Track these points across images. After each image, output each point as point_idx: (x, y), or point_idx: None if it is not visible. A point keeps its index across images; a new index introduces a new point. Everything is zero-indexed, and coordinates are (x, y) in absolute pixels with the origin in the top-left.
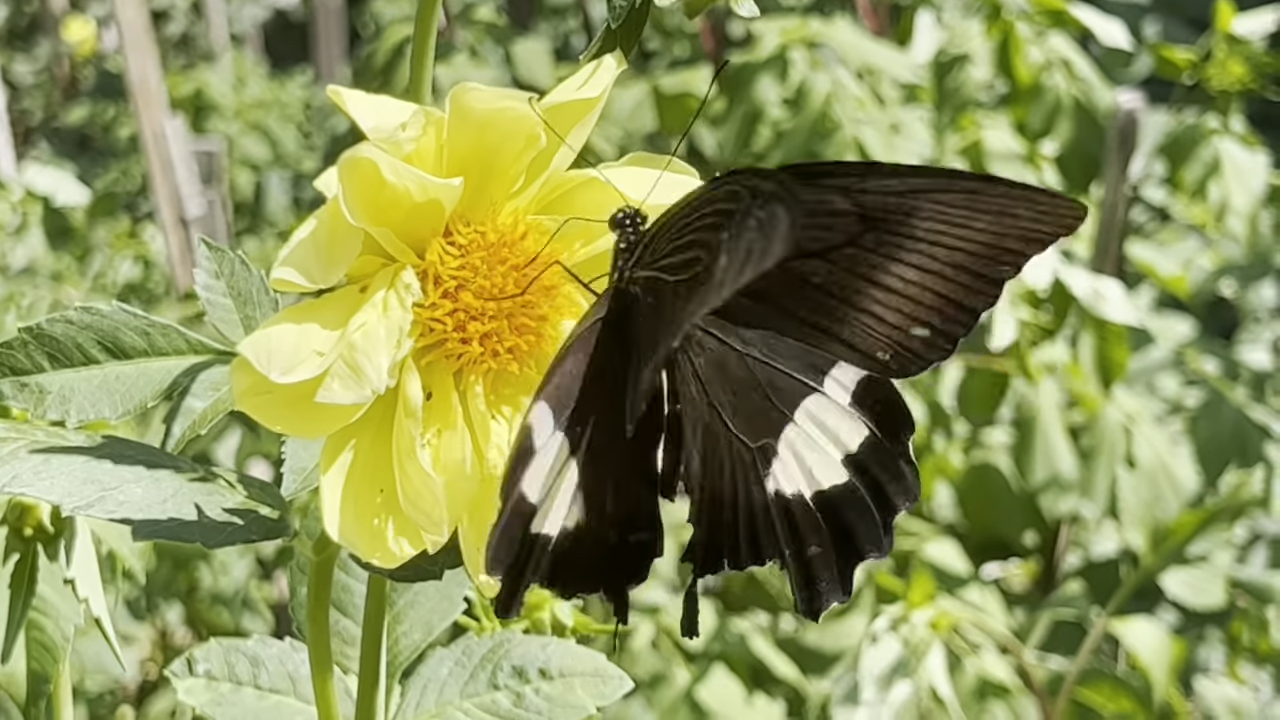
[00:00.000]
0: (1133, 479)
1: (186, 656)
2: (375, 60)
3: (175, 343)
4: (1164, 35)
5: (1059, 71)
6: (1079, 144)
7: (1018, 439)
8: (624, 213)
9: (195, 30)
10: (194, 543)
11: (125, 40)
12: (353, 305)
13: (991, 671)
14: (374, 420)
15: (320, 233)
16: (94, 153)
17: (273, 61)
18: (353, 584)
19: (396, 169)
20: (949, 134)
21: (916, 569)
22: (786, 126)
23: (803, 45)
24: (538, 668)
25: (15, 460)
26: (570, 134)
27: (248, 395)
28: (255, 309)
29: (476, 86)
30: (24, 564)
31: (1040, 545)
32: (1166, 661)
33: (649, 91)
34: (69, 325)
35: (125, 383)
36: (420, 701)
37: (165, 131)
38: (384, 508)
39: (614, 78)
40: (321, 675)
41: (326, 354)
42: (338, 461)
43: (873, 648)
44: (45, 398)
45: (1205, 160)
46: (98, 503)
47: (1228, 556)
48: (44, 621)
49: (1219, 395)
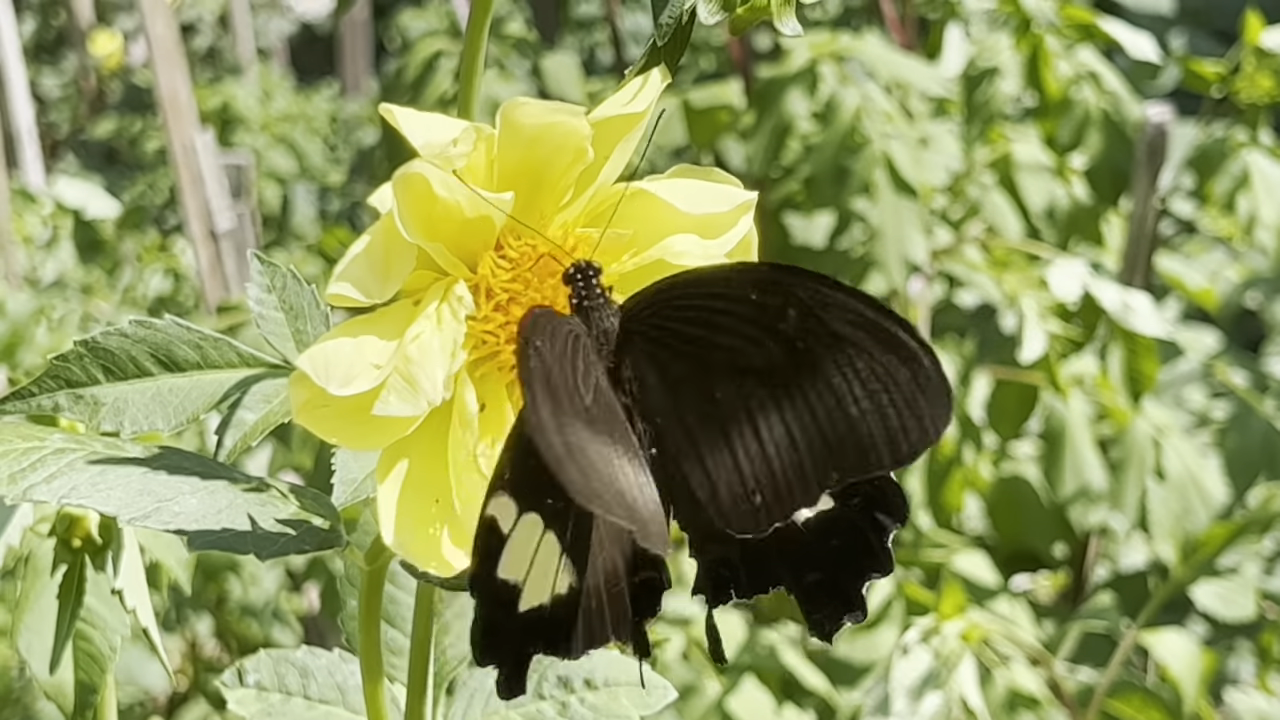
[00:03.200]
0: (1162, 491)
1: (237, 667)
2: (406, 75)
3: (227, 356)
4: (1190, 48)
5: (1088, 85)
6: (1108, 157)
7: (1047, 451)
8: (576, 268)
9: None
10: (248, 553)
11: (155, 54)
12: (407, 319)
13: (1022, 683)
14: (429, 432)
15: (375, 248)
16: (121, 166)
17: (299, 75)
18: (400, 595)
19: (449, 184)
20: (978, 147)
21: (947, 581)
22: (815, 140)
23: (832, 59)
24: (583, 678)
25: (73, 471)
26: (617, 147)
27: (306, 408)
28: (306, 323)
29: (527, 101)
30: (72, 575)
31: (1069, 557)
32: (1197, 673)
33: (678, 105)
34: (124, 339)
35: (178, 395)
36: (467, 712)
37: (195, 145)
38: (439, 517)
39: (659, 92)
40: (373, 685)
41: (383, 367)
42: (393, 472)
43: (903, 659)
44: (100, 409)
45: (1234, 173)
46: (154, 514)
47: (1257, 568)
48: (91, 633)
49: (1248, 407)
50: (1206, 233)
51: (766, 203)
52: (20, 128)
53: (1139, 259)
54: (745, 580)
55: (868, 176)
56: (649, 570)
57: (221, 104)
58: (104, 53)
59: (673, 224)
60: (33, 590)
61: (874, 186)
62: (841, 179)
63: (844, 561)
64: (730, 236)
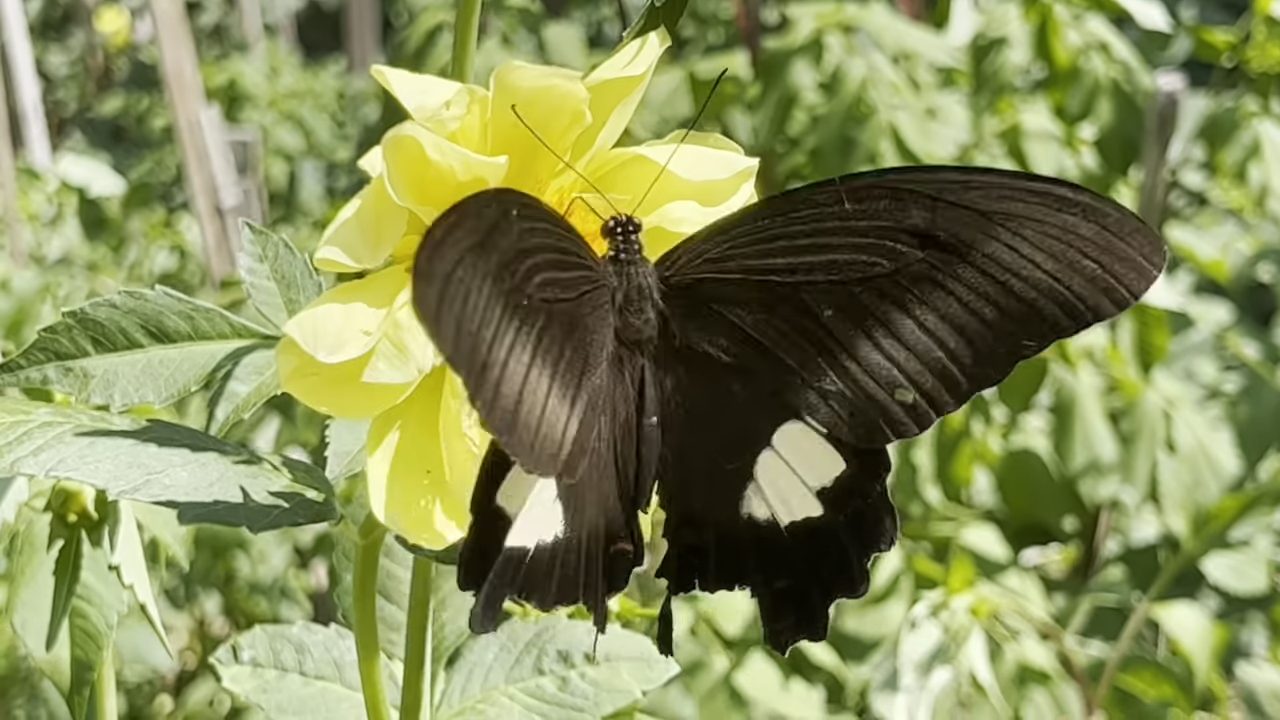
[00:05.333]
0: (1173, 464)
1: (231, 644)
2: (408, 46)
3: (219, 326)
4: (1200, 18)
5: (1097, 54)
6: (1118, 127)
7: (1057, 424)
8: (616, 221)
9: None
10: (240, 526)
11: (160, 30)
12: (398, 284)
13: (1032, 658)
14: (420, 401)
15: (365, 212)
16: (128, 143)
17: (306, 51)
18: (397, 570)
19: (441, 147)
20: (987, 117)
21: (956, 555)
22: (821, 112)
23: (838, 30)
24: (583, 652)
25: (61, 444)
26: (615, 111)
27: (294, 376)
28: (299, 292)
29: (521, 64)
30: (68, 550)
31: (1080, 531)
32: (1208, 647)
33: (684, 77)
34: (113, 310)
35: (169, 366)
36: (465, 687)
37: (200, 121)
38: (431, 489)
39: (658, 56)
40: (368, 660)
41: (373, 333)
42: (384, 443)
43: (912, 634)
44: (89, 382)
45: (1245, 143)
46: (143, 486)
47: (1269, 541)
48: (88, 609)
49: (1259, 379)
50: (1218, 204)
51: (774, 175)
52: (26, 105)
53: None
54: (713, 572)
55: (874, 147)
56: (625, 542)
57: (228, 81)
58: (110, 30)
59: (672, 190)
60: (28, 566)
61: (880, 157)
62: (847, 150)
63: (817, 575)
64: (731, 204)
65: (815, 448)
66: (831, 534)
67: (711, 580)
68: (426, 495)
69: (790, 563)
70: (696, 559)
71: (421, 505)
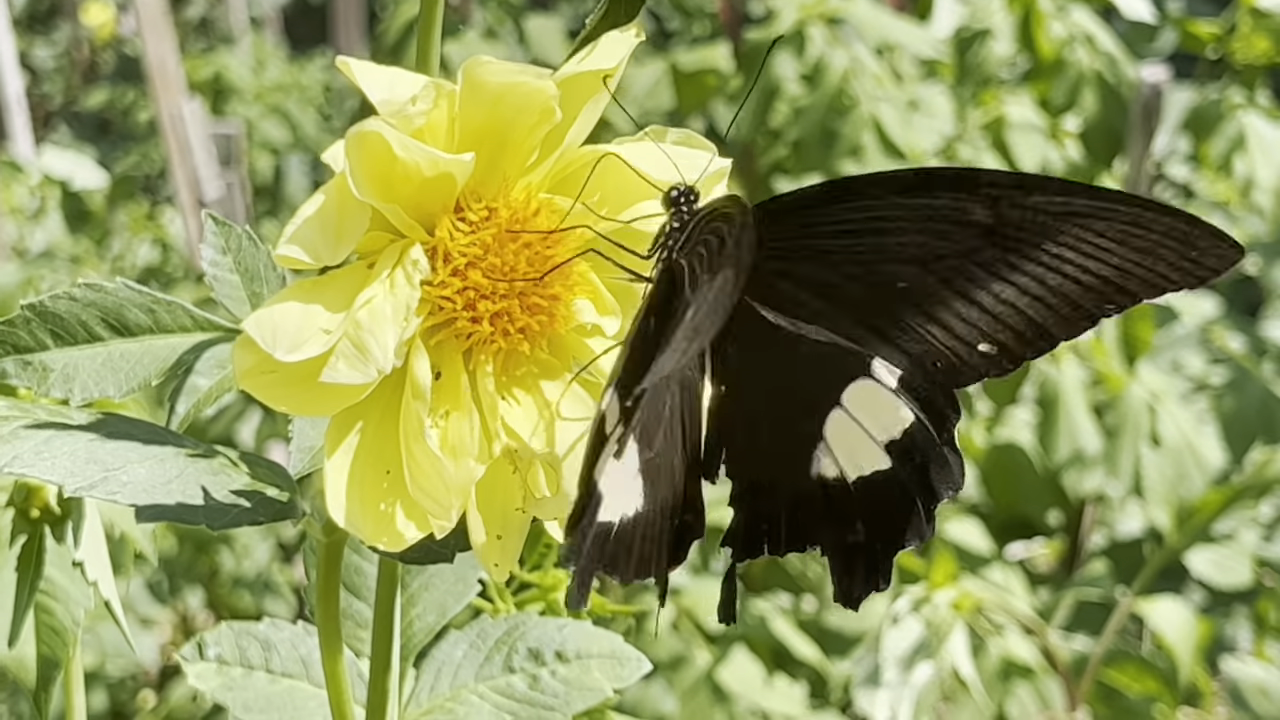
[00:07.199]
0: (1157, 457)
1: (197, 640)
2: (386, 38)
3: (181, 320)
4: (1187, 10)
5: (1082, 46)
6: (1102, 119)
7: (1041, 417)
8: (678, 190)
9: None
10: (198, 524)
11: (143, 23)
12: (360, 282)
13: (1015, 652)
14: (381, 400)
15: (327, 209)
16: (114, 137)
17: (292, 44)
18: (366, 566)
19: (405, 144)
20: (971, 109)
21: (938, 549)
22: (803, 103)
23: (821, 21)
24: (554, 650)
25: (16, 440)
26: (585, 107)
27: (251, 374)
28: (263, 285)
29: (489, 60)
30: (31, 546)
31: (1064, 524)
32: (1192, 641)
33: (666, 70)
34: (73, 302)
35: (130, 360)
36: (434, 685)
37: (183, 114)
38: (391, 490)
39: (630, 49)
40: (332, 658)
41: (332, 332)
42: (343, 443)
43: (894, 629)
44: (49, 376)
45: (1230, 135)
46: (100, 484)
47: (1254, 535)
48: (53, 605)
49: (1245, 372)
50: (1203, 197)
51: (757, 167)
52: (9, 98)
53: None
54: (785, 536)
55: (856, 139)
56: (691, 514)
57: (214, 74)
58: (96, 23)
59: (643, 190)
60: None
61: (862, 149)
62: (829, 141)
63: (887, 526)
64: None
65: (884, 402)
66: (900, 484)
67: (783, 543)
68: (387, 496)
69: (862, 517)
70: (767, 524)
71: (381, 507)
